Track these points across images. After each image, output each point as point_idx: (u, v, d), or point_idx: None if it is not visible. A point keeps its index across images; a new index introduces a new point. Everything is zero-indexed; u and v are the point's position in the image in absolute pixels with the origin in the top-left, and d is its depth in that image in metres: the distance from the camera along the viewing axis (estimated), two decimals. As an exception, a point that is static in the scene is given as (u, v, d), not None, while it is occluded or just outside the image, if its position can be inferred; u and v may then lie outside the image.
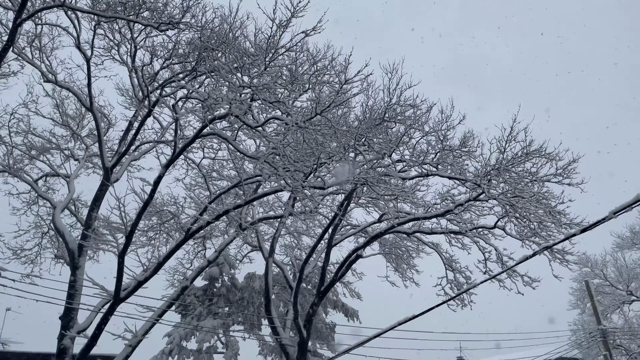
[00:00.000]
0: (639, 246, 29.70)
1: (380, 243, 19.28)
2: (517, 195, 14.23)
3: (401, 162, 15.27)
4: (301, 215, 14.87)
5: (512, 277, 15.91)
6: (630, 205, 4.18)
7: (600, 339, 21.94)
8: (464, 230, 16.05)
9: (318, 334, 20.79)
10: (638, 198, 4.16)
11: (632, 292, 28.97)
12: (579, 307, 31.35)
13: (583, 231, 4.84)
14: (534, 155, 14.17)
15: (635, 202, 4.15)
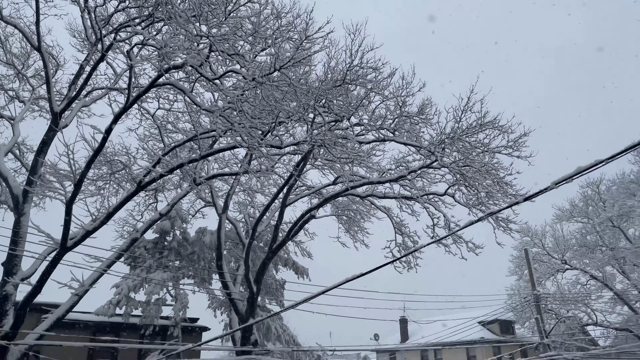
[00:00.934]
0: (577, 218, 31.47)
1: (333, 205, 19.58)
2: (469, 164, 14.68)
3: (359, 125, 15.35)
4: (257, 174, 14.79)
5: (458, 243, 16.60)
6: (571, 177, 4.39)
7: (533, 304, 23.33)
8: (416, 196, 16.50)
9: (268, 290, 21.14)
10: (578, 170, 4.37)
11: (567, 262, 30.84)
12: (517, 273, 33.17)
13: (526, 200, 5.08)
14: (488, 126, 14.54)
15: (576, 174, 4.36)
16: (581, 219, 31.12)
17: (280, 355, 18.89)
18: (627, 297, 29.38)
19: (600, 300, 30.36)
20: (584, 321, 30.36)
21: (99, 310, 17.47)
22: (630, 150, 3.97)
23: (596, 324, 30.37)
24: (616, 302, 29.83)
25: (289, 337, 20.66)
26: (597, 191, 30.62)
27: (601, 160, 4.12)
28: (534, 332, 27.65)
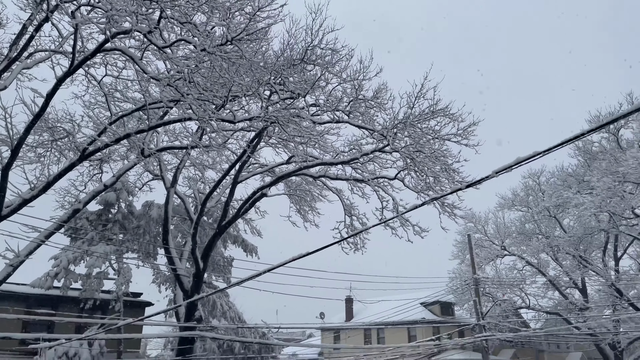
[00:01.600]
0: (518, 207, 32.90)
1: (286, 184, 19.55)
2: (419, 150, 14.98)
3: (315, 106, 15.32)
4: (207, 148, 14.52)
5: (405, 226, 17.00)
6: (511, 166, 4.54)
7: (473, 287, 24.31)
8: (367, 179, 16.72)
9: (215, 267, 20.99)
10: (518, 161, 4.52)
11: (506, 248, 32.27)
12: (459, 257, 34.45)
13: (468, 186, 5.24)
14: (439, 114, 14.85)
15: (515, 164, 4.50)
16: (522, 207, 32.58)
17: (224, 332, 18.87)
18: (558, 283, 31.16)
19: (534, 285, 32.08)
20: (518, 304, 32.02)
21: (36, 283, 16.80)
22: (565, 143, 4.14)
23: (529, 308, 32.12)
24: (548, 288, 31.60)
25: (234, 314, 20.66)
26: (538, 182, 32.08)
27: (539, 152, 4.28)
28: (472, 314, 28.95)
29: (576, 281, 30.95)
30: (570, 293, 31.66)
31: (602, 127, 4.78)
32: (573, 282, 31.18)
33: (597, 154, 27.03)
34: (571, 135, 4.06)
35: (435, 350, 27.40)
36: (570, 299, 30.58)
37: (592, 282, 30.46)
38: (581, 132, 4.05)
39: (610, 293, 26.06)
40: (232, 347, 19.38)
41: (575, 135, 4.16)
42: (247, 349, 20.09)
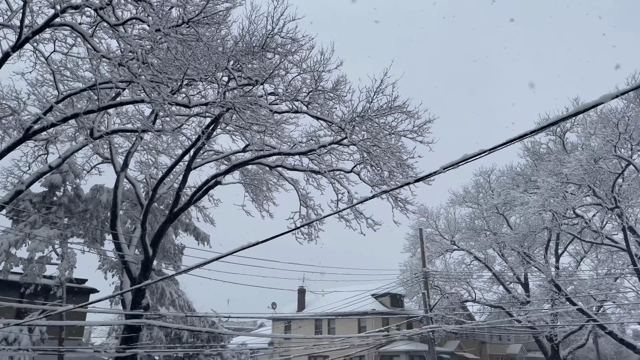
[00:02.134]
0: (468, 204, 33.91)
1: (241, 172, 19.34)
2: (376, 144, 15.14)
3: (274, 94, 15.18)
4: (160, 133, 14.14)
5: (359, 219, 17.20)
6: (457, 163, 4.63)
7: (422, 280, 24.92)
8: (323, 171, 16.77)
9: (165, 255, 20.56)
10: (465, 158, 4.60)
11: (455, 243, 33.24)
12: (411, 251, 35.23)
13: (416, 181, 5.32)
14: (397, 110, 15.03)
15: (462, 160, 4.59)
16: (472, 204, 33.60)
17: (173, 321, 18.56)
18: (503, 278, 32.40)
19: (481, 279, 33.25)
20: (464, 297, 33.12)
21: (-27, 266, 15.97)
22: (509, 143, 4.26)
23: (474, 301, 33.28)
24: (493, 282, 32.81)
25: (184, 302, 20.35)
26: (488, 180, 33.15)
27: (485, 150, 4.39)
28: (420, 306, 29.70)
29: (519, 276, 32.28)
30: (513, 287, 33.00)
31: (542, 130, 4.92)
32: (516, 277, 32.49)
33: (544, 155, 28.15)
34: (515, 135, 4.19)
35: (383, 341, 28.00)
36: (513, 293, 31.87)
37: (534, 277, 31.84)
38: (525, 132, 4.18)
39: (549, 288, 27.30)
40: (180, 336, 19.11)
41: (520, 135, 4.30)
42: (196, 338, 19.85)
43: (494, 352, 44.97)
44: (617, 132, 21.14)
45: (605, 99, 4.04)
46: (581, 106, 4.17)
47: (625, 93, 4.04)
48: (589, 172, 22.33)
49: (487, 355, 43.75)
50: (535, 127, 4.46)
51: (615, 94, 3.91)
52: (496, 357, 45.25)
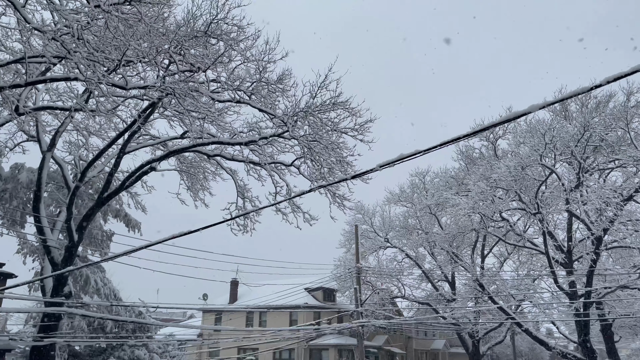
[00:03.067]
0: (403, 203, 34.89)
1: (178, 159, 18.82)
2: (317, 140, 15.22)
3: (216, 82, 14.87)
4: (93, 113, 13.47)
5: (296, 213, 17.24)
6: (393, 162, 4.72)
7: (355, 275, 25.41)
8: (263, 163, 16.65)
9: (92, 241, 19.64)
10: (401, 157, 4.70)
11: (389, 240, 34.12)
12: (346, 246, 35.79)
13: (353, 177, 5.41)
14: (340, 106, 15.17)
15: (398, 160, 4.69)
16: (406, 203, 34.60)
17: (97, 310, 17.80)
18: (432, 276, 33.66)
19: (411, 276, 34.35)
20: (394, 294, 34.12)
21: None
22: (445, 144, 4.40)
23: (404, 297, 34.37)
24: (423, 279, 34.01)
25: (109, 291, 19.55)
26: (423, 181, 34.25)
27: (420, 150, 4.51)
28: (352, 301, 30.28)
29: (447, 275, 33.65)
30: (441, 285, 34.38)
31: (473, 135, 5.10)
32: (444, 275, 33.85)
33: (476, 159, 29.45)
34: (447, 138, 4.34)
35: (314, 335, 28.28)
36: (441, 291, 33.20)
37: (461, 276, 33.31)
38: (457, 136, 4.34)
39: (474, 287, 28.65)
40: (104, 326, 18.37)
41: (451, 138, 4.46)
42: (121, 328, 19.15)
43: (419, 347, 46.68)
44: (544, 142, 22.45)
45: (533, 109, 4.27)
46: (511, 114, 4.39)
47: (550, 105, 4.29)
48: (516, 179, 23.60)
49: (412, 349, 45.34)
50: (467, 132, 4.64)
51: (542, 104, 4.15)
52: (421, 352, 47.00)
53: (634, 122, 22.35)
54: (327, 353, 34.46)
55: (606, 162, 24.01)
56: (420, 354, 46.82)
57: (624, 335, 35.66)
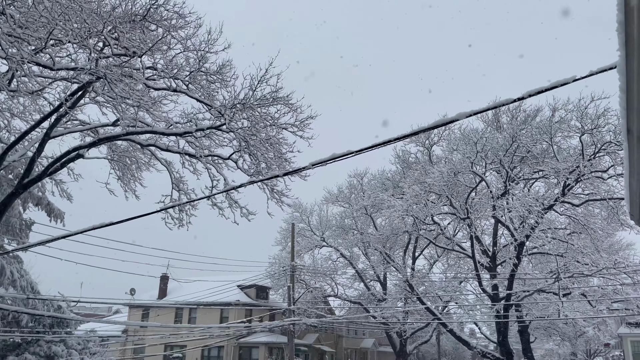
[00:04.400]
0: (341, 203, 35.30)
1: (109, 148, 17.98)
2: (255, 134, 15.03)
3: (152, 69, 14.35)
4: (16, 94, 12.58)
5: (233, 207, 16.94)
6: (326, 161, 4.70)
7: (289, 273, 25.39)
8: (199, 155, 16.24)
9: (9, 229, 18.35)
10: (333, 156, 4.68)
11: (325, 239, 34.41)
12: (282, 244, 35.73)
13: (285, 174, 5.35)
14: (280, 101, 15.06)
15: (331, 159, 4.67)
16: (344, 203, 35.05)
17: (12, 302, 16.65)
18: (364, 276, 34.27)
19: (344, 276, 34.82)
20: (327, 292, 34.45)
21: None
22: (377, 146, 4.43)
23: (336, 296, 34.78)
24: (355, 279, 34.57)
25: (26, 283, 18.35)
26: (361, 182, 34.83)
27: (352, 151, 4.52)
28: (285, 299, 30.24)
29: (379, 275, 34.40)
30: (373, 285, 35.09)
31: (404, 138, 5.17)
32: (377, 275, 34.58)
33: (412, 164, 30.30)
34: (379, 140, 4.37)
35: (244, 333, 27.96)
36: (372, 291, 33.89)
37: (392, 277, 34.17)
38: (388, 139, 4.39)
39: (404, 288, 29.47)
40: (19, 320, 17.22)
41: (383, 141, 4.50)
42: (37, 323, 18.02)
43: (349, 345, 47.43)
44: (475, 150, 23.44)
45: (460, 116, 4.39)
46: (439, 120, 4.50)
47: (476, 113, 4.42)
48: (449, 184, 24.49)
49: (342, 348, 45.98)
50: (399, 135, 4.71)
51: (468, 113, 4.27)
52: (351, 351, 47.77)
53: (557, 136, 23.81)
54: (257, 351, 34.23)
55: (531, 172, 25.44)
56: (350, 352, 47.59)
57: (539, 337, 38.00)
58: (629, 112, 2.80)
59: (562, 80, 4.11)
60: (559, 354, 44.54)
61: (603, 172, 22.50)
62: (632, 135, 3.14)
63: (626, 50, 2.23)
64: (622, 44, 2.23)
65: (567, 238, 23.98)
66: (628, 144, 3.29)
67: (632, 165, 3.66)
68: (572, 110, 23.12)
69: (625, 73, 2.43)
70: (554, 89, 4.06)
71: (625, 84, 2.55)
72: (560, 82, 4.17)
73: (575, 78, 4.10)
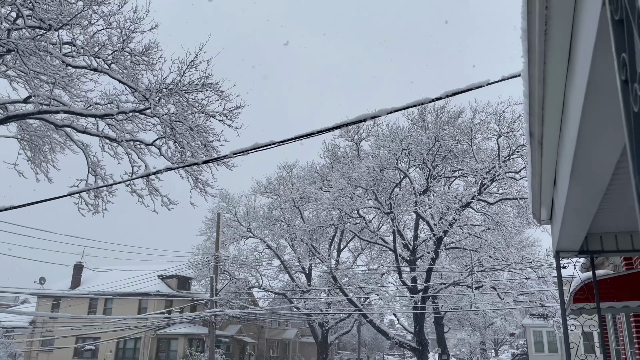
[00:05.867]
0: (269, 194, 35.14)
1: (20, 126, 16.70)
2: (181, 120, 14.56)
3: (71, 44, 13.48)
4: None
5: (153, 195, 16.33)
6: (247, 150, 4.64)
7: (212, 264, 24.95)
8: (121, 139, 15.49)
9: None
10: (255, 146, 4.63)
11: (251, 230, 34.12)
12: (206, 234, 35.02)
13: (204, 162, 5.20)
14: (209, 88, 14.69)
15: (252, 148, 4.61)
16: (272, 195, 34.91)
17: None
18: (290, 267, 34.40)
19: (270, 267, 34.76)
20: (252, 283, 34.24)
21: None
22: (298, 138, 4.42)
23: (260, 287, 34.66)
24: (281, 270, 34.62)
25: None
26: (290, 174, 34.85)
27: (275, 142, 4.48)
28: (208, 290, 29.70)
29: (305, 266, 34.68)
30: (298, 277, 35.32)
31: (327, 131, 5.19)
32: (302, 267, 34.85)
33: (341, 158, 30.73)
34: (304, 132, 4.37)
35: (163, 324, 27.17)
36: (297, 282, 34.11)
37: (317, 268, 34.56)
38: (311, 131, 4.39)
39: (328, 279, 29.92)
40: None
41: (307, 133, 4.50)
42: None
43: (272, 336, 47.54)
44: (401, 147, 24.18)
45: (382, 112, 4.48)
46: (361, 115, 4.57)
47: (399, 110, 4.54)
48: (375, 179, 25.11)
49: (264, 339, 46.00)
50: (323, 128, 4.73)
51: (389, 110, 4.37)
52: (273, 341, 47.91)
53: (477, 137, 25.12)
54: (176, 342, 33.40)
55: (452, 171, 26.66)
56: (272, 343, 47.72)
57: (452, 327, 40.10)
58: (530, 117, 2.98)
59: (476, 83, 4.31)
60: (469, 343, 47.29)
61: (516, 173, 24.02)
62: (534, 138, 3.34)
63: (528, 57, 2.36)
64: (526, 51, 2.36)
65: (482, 234, 25.42)
66: (530, 147, 3.51)
67: (534, 167, 3.92)
68: (491, 114, 24.48)
69: (528, 79, 2.58)
70: (469, 91, 4.24)
71: (528, 89, 2.70)
72: (475, 85, 4.37)
73: (488, 82, 4.31)
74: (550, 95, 2.65)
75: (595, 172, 2.92)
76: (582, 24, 1.90)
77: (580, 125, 2.27)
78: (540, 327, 30.00)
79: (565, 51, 2.25)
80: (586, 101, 2.03)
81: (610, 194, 3.97)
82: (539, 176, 4.12)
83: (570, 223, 4.26)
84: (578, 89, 2.13)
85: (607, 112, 2.12)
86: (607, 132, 2.34)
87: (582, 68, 1.95)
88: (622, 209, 4.71)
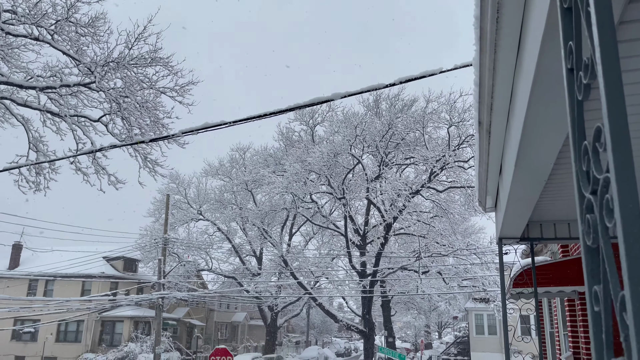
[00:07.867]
0: (221, 177, 34.63)
1: (-48, 96, 15.59)
2: (129, 96, 14.02)
3: (11, 12, 12.66)
4: None
5: (100, 174, 15.71)
6: (198, 129, 4.51)
7: (161, 246, 24.41)
8: (64, 114, 14.76)
9: None
10: (205, 126, 4.51)
11: (202, 213, 33.58)
12: (155, 216, 34.18)
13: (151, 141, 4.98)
14: (159, 62, 14.19)
15: (202, 128, 4.49)
16: (224, 177, 34.43)
17: None
18: (241, 251, 34.17)
19: (220, 250, 34.39)
20: (201, 266, 33.80)
21: None
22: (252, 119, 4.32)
23: (210, 270, 34.28)
24: (231, 253, 34.34)
25: None
26: (243, 157, 34.43)
27: (226, 122, 4.36)
28: (155, 272, 29.08)
29: (256, 250, 34.54)
30: (248, 260, 35.16)
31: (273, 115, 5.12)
32: (253, 250, 34.70)
33: (295, 142, 30.60)
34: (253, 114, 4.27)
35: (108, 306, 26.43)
36: (247, 265, 33.96)
37: (268, 252, 34.51)
38: (263, 112, 4.30)
39: (279, 263, 29.95)
40: None
41: (260, 114, 4.41)
42: None
43: (221, 319, 47.29)
44: (355, 133, 24.33)
45: (335, 96, 4.44)
46: (315, 98, 4.51)
47: (351, 95, 4.52)
48: (328, 164, 25.19)
49: (213, 322, 45.70)
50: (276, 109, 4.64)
51: (343, 94, 4.34)
52: (221, 324, 47.68)
53: (429, 126, 25.62)
54: (121, 325, 32.62)
55: (403, 158, 27.12)
56: (221, 325, 47.48)
57: (399, 310, 41.17)
58: (480, 105, 3.02)
59: (430, 70, 4.34)
60: (415, 326, 48.77)
61: (464, 162, 24.72)
62: (482, 127, 3.41)
63: (480, 45, 2.37)
64: (477, 39, 2.37)
65: (430, 221, 26.09)
66: (479, 135, 3.58)
67: (481, 155, 4.01)
68: (443, 103, 24.99)
69: (479, 67, 2.60)
70: (422, 78, 4.26)
71: (478, 77, 2.73)
72: (429, 73, 4.40)
73: (441, 70, 4.35)
74: (499, 84, 2.69)
75: (539, 161, 3.00)
76: (532, 13, 1.92)
77: (526, 113, 2.31)
78: (481, 311, 31.29)
79: (515, 40, 2.27)
80: (533, 89, 2.07)
81: (552, 184, 4.12)
82: (485, 164, 4.22)
83: (513, 211, 4.40)
84: (526, 77, 2.16)
85: (552, 100, 2.17)
86: (552, 120, 2.40)
87: (531, 56, 1.98)
88: (561, 198, 4.91)
